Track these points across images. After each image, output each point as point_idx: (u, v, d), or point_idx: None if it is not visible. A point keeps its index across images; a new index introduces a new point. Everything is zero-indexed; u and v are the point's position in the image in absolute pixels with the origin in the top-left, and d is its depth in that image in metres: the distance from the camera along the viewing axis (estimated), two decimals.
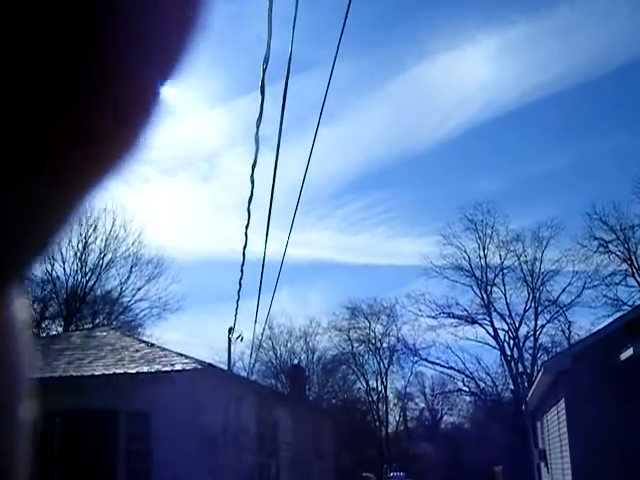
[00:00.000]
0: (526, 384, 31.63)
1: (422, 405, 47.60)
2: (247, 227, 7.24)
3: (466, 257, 39.41)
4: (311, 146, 6.46)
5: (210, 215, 54.01)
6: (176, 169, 51.54)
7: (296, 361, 41.16)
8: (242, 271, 9.36)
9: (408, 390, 45.63)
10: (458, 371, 40.35)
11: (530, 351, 39.02)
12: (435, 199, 55.00)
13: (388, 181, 54.81)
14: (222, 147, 45.18)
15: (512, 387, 38.03)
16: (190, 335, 52.47)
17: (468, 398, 43.53)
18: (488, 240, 39.24)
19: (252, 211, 6.96)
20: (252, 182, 5.95)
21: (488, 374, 39.87)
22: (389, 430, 45.84)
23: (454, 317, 39.63)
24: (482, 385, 40.06)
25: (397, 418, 47.59)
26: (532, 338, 38.96)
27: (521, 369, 36.57)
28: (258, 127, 5.02)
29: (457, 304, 39.49)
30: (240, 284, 10.08)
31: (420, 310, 40.45)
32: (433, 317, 40.04)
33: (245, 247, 8.19)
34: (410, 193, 56.14)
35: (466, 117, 58.82)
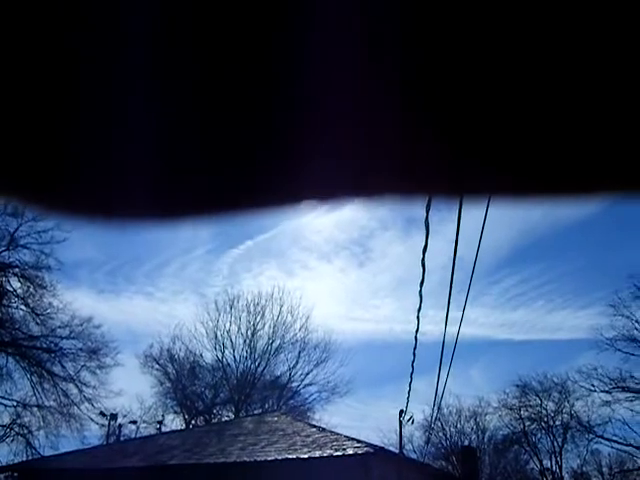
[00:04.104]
0: None
1: None
2: (419, 311, 7.27)
3: (638, 327, 37.62)
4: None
5: (367, 298, 54.35)
6: (331, 254, 52.32)
7: (467, 442, 40.18)
8: (414, 354, 9.35)
9: (584, 469, 43.59)
10: (637, 448, 38.19)
11: None
12: (594, 269, 53.01)
13: (543, 253, 53.26)
14: (375, 230, 45.70)
15: None
16: (356, 418, 52.35)
17: None
18: None
19: (407, 291, 7.00)
20: (423, 266, 5.98)
21: None
22: None
23: (629, 391, 37.66)
24: None
25: None
26: None
27: None
28: (428, 212, 5.07)
29: (631, 377, 37.59)
30: (413, 367, 10.05)
31: (593, 385, 38.78)
32: (607, 392, 38.25)
33: (417, 331, 8.20)
34: (567, 264, 54.28)
35: None
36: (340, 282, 49.44)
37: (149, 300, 48.90)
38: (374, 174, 0.51)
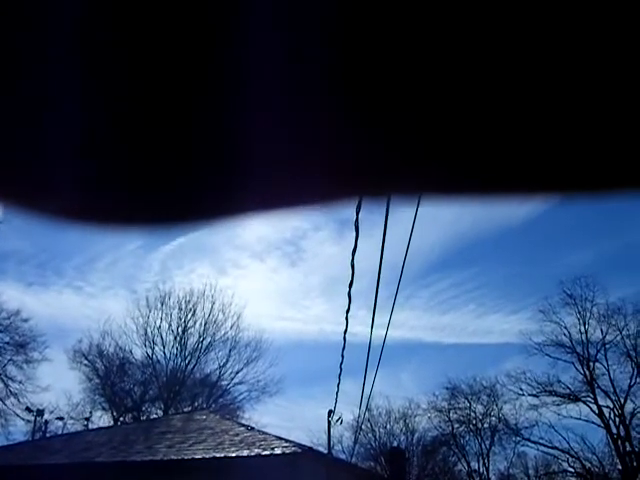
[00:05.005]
0: (635, 464, 30.37)
1: None
2: (348, 312, 7.29)
3: (566, 333, 38.30)
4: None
5: (298, 297, 54.54)
6: (264, 253, 52.27)
7: (395, 443, 40.42)
8: (343, 356, 9.39)
9: (511, 471, 44.15)
10: (562, 451, 38.84)
11: (638, 429, 37.47)
12: (525, 275, 53.66)
13: (475, 258, 53.84)
14: (307, 230, 45.77)
15: (620, 467, 36.48)
16: (286, 418, 52.38)
17: (574, 479, 41.95)
18: (588, 314, 38.13)
19: (338, 292, 7.03)
20: (352, 267, 6.01)
21: (594, 454, 38.21)
22: None
23: (556, 395, 38.43)
24: (588, 465, 38.42)
25: None
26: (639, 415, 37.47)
27: (629, 448, 35.15)
28: (358, 213, 5.11)
29: (559, 382, 38.33)
30: (341, 368, 10.09)
31: (521, 389, 39.42)
32: (535, 395, 38.92)
33: (346, 331, 8.24)
34: (498, 269, 54.83)
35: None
36: (272, 281, 49.47)
37: (79, 294, 48.12)
38: (308, 179, 0.50)
